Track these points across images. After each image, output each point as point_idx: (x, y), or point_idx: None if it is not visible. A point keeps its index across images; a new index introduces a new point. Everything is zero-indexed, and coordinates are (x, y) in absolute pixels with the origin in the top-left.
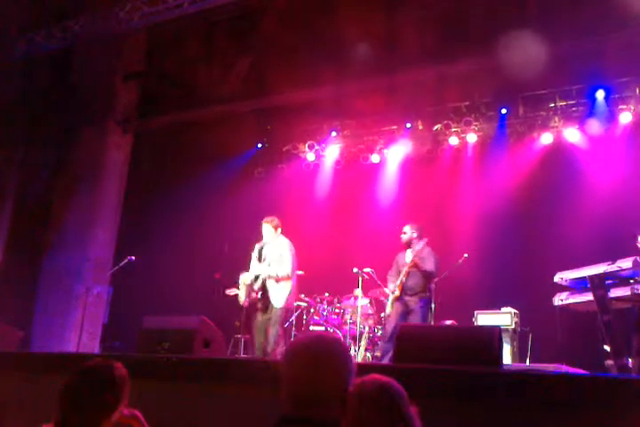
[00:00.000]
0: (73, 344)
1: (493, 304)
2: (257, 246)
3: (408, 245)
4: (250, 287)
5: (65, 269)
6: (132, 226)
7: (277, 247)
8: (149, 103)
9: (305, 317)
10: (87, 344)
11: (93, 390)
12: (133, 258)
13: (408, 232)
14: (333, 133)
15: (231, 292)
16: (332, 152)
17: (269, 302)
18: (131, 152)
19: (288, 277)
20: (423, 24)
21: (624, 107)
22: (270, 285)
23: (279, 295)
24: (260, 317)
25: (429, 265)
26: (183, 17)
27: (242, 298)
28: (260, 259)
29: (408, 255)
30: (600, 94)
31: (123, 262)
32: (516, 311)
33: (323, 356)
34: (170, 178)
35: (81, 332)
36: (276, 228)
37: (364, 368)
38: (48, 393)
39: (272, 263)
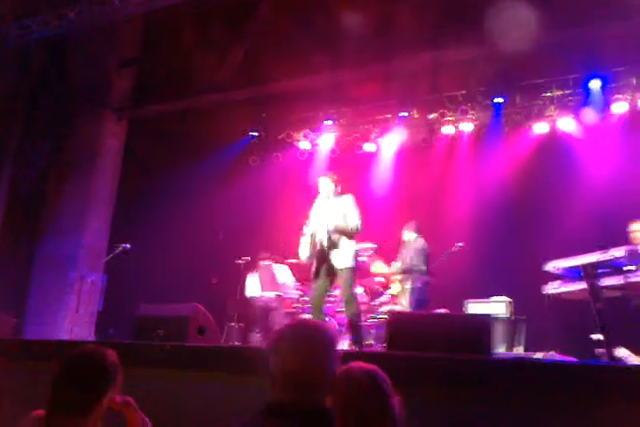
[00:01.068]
0: (67, 332)
1: (487, 293)
2: (316, 204)
3: None
4: (313, 243)
5: (59, 257)
6: (126, 214)
7: (342, 202)
8: (145, 91)
9: (299, 305)
10: (81, 332)
11: (83, 376)
12: (128, 246)
13: None
14: (328, 122)
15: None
16: (326, 141)
17: (334, 261)
18: (125, 140)
19: (357, 232)
20: (419, 12)
21: (620, 96)
22: (337, 240)
23: (347, 253)
24: (319, 281)
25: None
26: (179, 4)
27: (304, 255)
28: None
29: None
30: (596, 84)
31: (117, 250)
32: (510, 300)
33: (307, 341)
34: (165, 166)
35: (75, 319)
36: (336, 183)
37: (357, 355)
38: (42, 380)
39: (337, 218)
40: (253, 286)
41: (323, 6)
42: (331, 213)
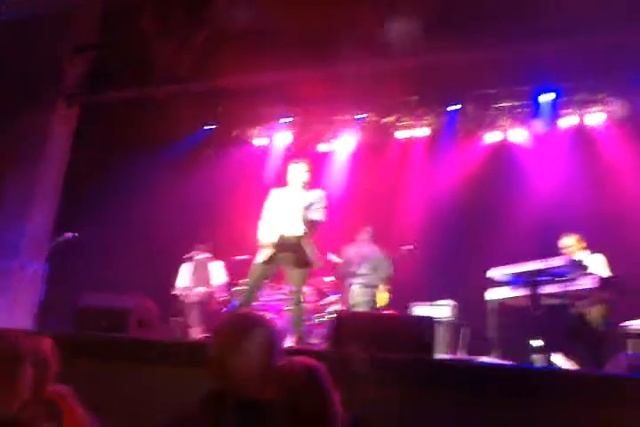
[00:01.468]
0: (6, 322)
1: (434, 296)
2: (281, 191)
3: None
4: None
5: (0, 246)
6: (75, 203)
7: (315, 195)
8: (99, 78)
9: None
10: (21, 322)
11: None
12: (72, 235)
13: None
14: (284, 120)
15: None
16: (281, 138)
17: (298, 256)
18: (77, 127)
19: (317, 229)
20: (376, 17)
21: (568, 111)
22: (304, 234)
23: (312, 251)
24: (268, 266)
25: None
26: None
27: (265, 238)
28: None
29: None
30: (545, 97)
31: (61, 239)
32: (454, 304)
33: (246, 333)
34: (118, 155)
35: (15, 309)
36: (309, 172)
37: (300, 352)
38: None
39: (309, 211)
40: (185, 278)
41: (283, 3)
42: (301, 204)
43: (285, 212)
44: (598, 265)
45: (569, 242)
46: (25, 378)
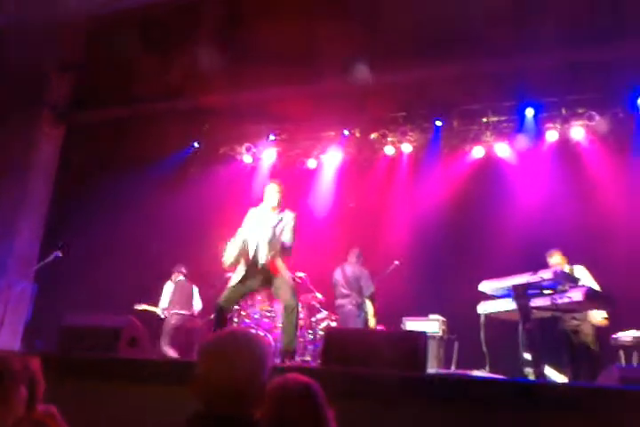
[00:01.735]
0: None
1: (422, 311)
2: (255, 211)
3: None
4: (244, 250)
5: None
6: (61, 221)
7: (286, 218)
8: (85, 95)
9: (236, 320)
10: (8, 342)
11: None
12: (60, 254)
13: None
14: (271, 137)
15: (140, 306)
16: (268, 155)
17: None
18: (63, 145)
19: (288, 254)
20: (364, 36)
21: (551, 125)
22: (275, 255)
23: (284, 270)
24: (247, 283)
25: None
26: (124, 9)
27: (229, 260)
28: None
29: None
30: (529, 112)
31: (49, 258)
32: (443, 319)
33: (235, 351)
34: (103, 173)
35: (1, 328)
36: (282, 193)
37: (292, 370)
38: None
39: (280, 233)
40: (165, 298)
41: (268, 22)
42: (273, 225)
43: (257, 233)
44: (585, 277)
45: (558, 259)
46: (18, 398)
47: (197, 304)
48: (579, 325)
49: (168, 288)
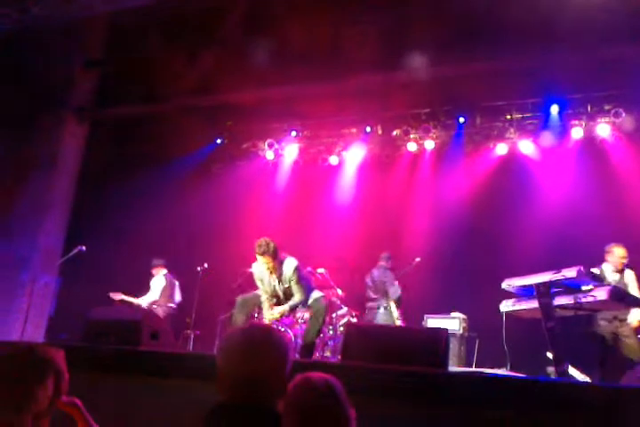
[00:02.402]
0: (17, 334)
1: (443, 309)
2: (254, 268)
3: None
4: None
5: (12, 258)
6: (85, 216)
7: (286, 271)
8: (109, 93)
9: (256, 315)
10: (32, 335)
11: (10, 372)
12: (84, 248)
13: None
14: (293, 133)
15: (116, 296)
16: (291, 152)
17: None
18: (87, 142)
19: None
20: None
21: (576, 122)
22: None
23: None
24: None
25: None
26: (147, 6)
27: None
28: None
29: None
30: (554, 109)
31: (73, 252)
32: (464, 317)
33: (255, 345)
34: (126, 169)
35: (25, 322)
36: (274, 254)
37: (312, 365)
38: None
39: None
40: (159, 292)
41: (293, 20)
42: (274, 280)
43: (267, 289)
44: (631, 281)
45: (621, 252)
46: (44, 389)
47: (178, 296)
48: (618, 327)
49: (160, 282)
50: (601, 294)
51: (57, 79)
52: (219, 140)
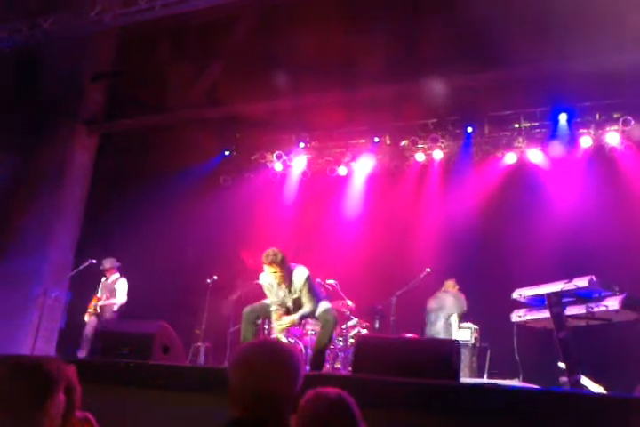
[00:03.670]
0: (28, 348)
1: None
2: (261, 279)
3: None
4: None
5: (23, 272)
6: (94, 230)
7: (296, 281)
8: (117, 105)
9: (266, 326)
10: (43, 348)
11: (19, 387)
12: (94, 261)
13: None
14: (301, 144)
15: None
16: (299, 163)
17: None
18: (97, 154)
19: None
20: (395, 44)
21: (584, 131)
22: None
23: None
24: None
25: None
26: (155, 20)
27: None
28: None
29: None
30: (562, 118)
31: (83, 265)
32: (476, 327)
33: (266, 361)
34: (135, 182)
35: (37, 335)
36: (282, 264)
37: (323, 378)
38: None
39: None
40: (125, 294)
41: (301, 32)
42: (286, 291)
43: (278, 299)
44: None
45: None
46: (56, 404)
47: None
48: None
49: (124, 285)
50: (613, 303)
51: (67, 92)
52: (227, 152)
